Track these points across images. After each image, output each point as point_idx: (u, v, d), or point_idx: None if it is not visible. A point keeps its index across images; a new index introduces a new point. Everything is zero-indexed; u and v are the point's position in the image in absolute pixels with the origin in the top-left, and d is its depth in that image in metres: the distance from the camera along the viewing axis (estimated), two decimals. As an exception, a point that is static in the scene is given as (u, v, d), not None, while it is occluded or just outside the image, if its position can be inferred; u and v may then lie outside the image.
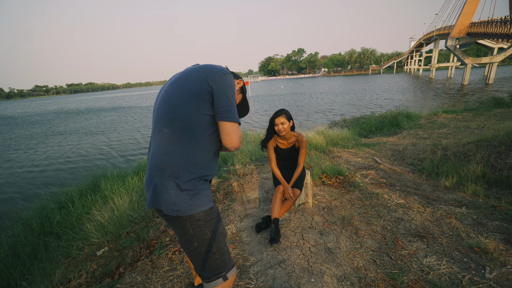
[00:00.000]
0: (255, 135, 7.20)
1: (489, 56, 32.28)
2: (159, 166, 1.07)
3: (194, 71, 1.10)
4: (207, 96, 1.04)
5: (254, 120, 14.99)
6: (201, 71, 1.09)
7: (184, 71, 1.15)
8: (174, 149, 1.06)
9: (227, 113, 1.05)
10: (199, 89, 1.04)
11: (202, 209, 1.09)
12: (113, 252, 2.55)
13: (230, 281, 1.22)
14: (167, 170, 1.05)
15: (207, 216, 1.11)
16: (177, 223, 1.10)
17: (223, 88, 1.06)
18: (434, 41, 44.57)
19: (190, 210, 1.06)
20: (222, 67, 1.12)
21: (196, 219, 1.09)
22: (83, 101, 61.97)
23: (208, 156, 1.13)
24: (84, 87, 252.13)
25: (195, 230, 1.10)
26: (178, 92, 1.08)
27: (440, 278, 1.61)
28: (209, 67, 1.10)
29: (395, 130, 7.22)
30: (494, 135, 3.91)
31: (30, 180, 7.61)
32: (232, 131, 1.06)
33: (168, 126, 1.07)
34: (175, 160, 1.05)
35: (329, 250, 1.99)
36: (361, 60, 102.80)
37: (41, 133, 16.59)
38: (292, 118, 2.30)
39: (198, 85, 1.05)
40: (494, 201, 2.52)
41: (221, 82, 1.06)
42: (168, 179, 1.05)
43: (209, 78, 1.05)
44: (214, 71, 1.08)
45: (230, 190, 3.53)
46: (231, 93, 1.08)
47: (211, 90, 1.04)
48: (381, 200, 2.72)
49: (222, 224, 1.20)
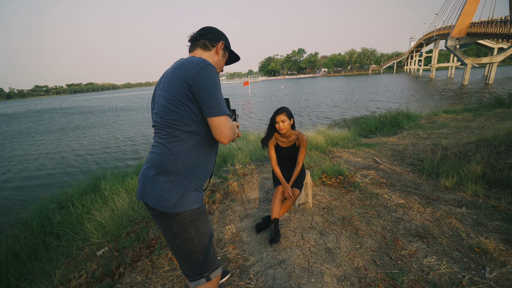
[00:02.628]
0: (255, 135, 7.20)
1: (489, 56, 32.27)
2: (156, 162, 1.10)
3: (174, 72, 1.09)
4: (189, 95, 1.05)
5: (254, 120, 15.00)
6: (179, 69, 1.07)
7: (167, 72, 1.14)
8: (173, 148, 1.09)
9: (210, 109, 1.04)
10: (181, 92, 1.05)
11: (189, 208, 1.11)
12: (113, 252, 2.55)
13: (214, 282, 1.23)
14: (163, 166, 1.09)
15: (193, 216, 1.13)
16: (163, 219, 1.12)
17: (202, 83, 1.04)
18: (434, 41, 44.56)
19: (177, 207, 1.09)
20: (200, 59, 1.08)
21: (182, 217, 1.11)
22: (83, 101, 62.02)
23: (203, 155, 1.16)
24: (84, 87, 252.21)
25: (179, 228, 1.12)
26: (165, 97, 1.09)
27: (440, 278, 1.61)
28: (187, 62, 1.08)
29: (395, 130, 7.22)
30: (494, 135, 3.91)
31: (30, 180, 7.61)
32: (220, 124, 1.05)
33: (165, 127, 1.10)
34: (173, 158, 1.09)
35: (329, 250, 1.99)
36: (361, 60, 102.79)
37: (40, 131, 16.60)
38: (292, 116, 2.30)
39: (179, 87, 1.05)
40: (494, 201, 2.52)
41: (199, 77, 1.04)
42: (163, 175, 1.09)
43: (187, 75, 1.04)
44: (192, 66, 1.05)
45: (230, 190, 3.53)
46: (211, 86, 1.05)
47: (191, 87, 1.04)
48: (381, 200, 2.72)
49: (208, 225, 1.22)
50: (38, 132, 17.13)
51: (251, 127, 12.37)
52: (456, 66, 44.30)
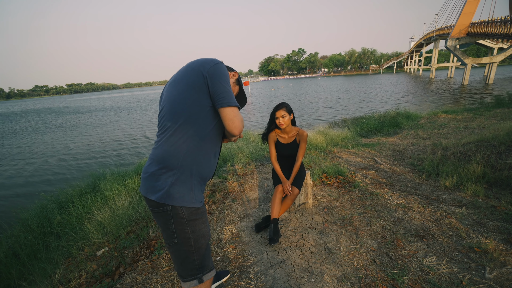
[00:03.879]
0: (256, 135, 7.20)
1: (489, 56, 32.27)
2: (161, 157, 1.11)
3: (189, 67, 1.16)
4: (203, 87, 1.09)
5: (254, 120, 15.00)
6: (194, 64, 1.15)
7: (180, 70, 1.20)
8: (176, 142, 1.10)
9: (224, 99, 1.09)
10: (196, 81, 1.10)
11: (188, 205, 1.12)
12: (113, 252, 2.55)
13: (207, 284, 1.24)
14: (167, 161, 1.09)
15: (191, 216, 1.14)
16: (162, 216, 1.12)
17: (217, 76, 1.10)
18: (434, 41, 44.58)
19: (177, 201, 1.09)
20: (212, 58, 1.17)
21: (180, 216, 1.11)
22: (82, 101, 61.99)
23: (207, 153, 1.17)
24: (84, 87, 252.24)
25: (177, 227, 1.13)
26: (177, 88, 1.13)
27: (440, 278, 1.61)
28: (201, 60, 1.16)
29: (395, 130, 7.22)
30: (494, 135, 3.91)
31: (30, 180, 7.61)
32: (233, 115, 1.10)
33: (171, 120, 1.12)
34: (176, 153, 1.10)
35: (329, 250, 1.99)
36: (361, 60, 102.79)
37: (39, 129, 16.60)
38: (292, 111, 2.31)
39: (194, 77, 1.10)
40: (494, 201, 2.52)
41: (214, 71, 1.10)
42: (165, 170, 1.09)
43: (203, 69, 1.10)
44: (206, 62, 1.13)
45: (230, 190, 3.53)
46: (225, 79, 1.12)
47: (206, 80, 1.09)
48: (381, 200, 2.72)
49: (206, 227, 1.22)
50: (38, 131, 17.13)
51: (251, 127, 12.37)
52: (456, 66, 44.30)
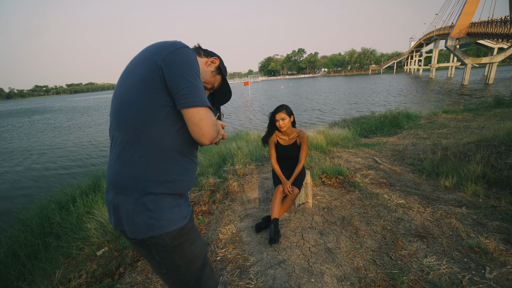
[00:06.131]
0: (256, 135, 7.20)
1: (489, 56, 32.28)
2: (115, 179, 0.88)
3: (142, 55, 0.87)
4: (159, 81, 0.81)
5: (254, 120, 15.00)
6: (148, 51, 0.85)
7: (132, 59, 0.90)
8: (130, 158, 0.85)
9: (187, 97, 0.80)
10: (148, 74, 0.81)
11: (167, 230, 0.88)
12: (113, 252, 2.55)
13: None
14: (125, 183, 0.86)
15: (175, 241, 0.90)
16: (141, 248, 0.91)
17: (177, 66, 0.80)
18: (434, 41, 44.59)
19: (150, 231, 0.86)
20: (175, 41, 0.86)
21: (161, 245, 0.89)
22: (82, 101, 62.02)
23: (176, 160, 0.90)
24: (84, 87, 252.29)
25: (161, 257, 0.91)
26: (126, 85, 0.86)
27: (440, 278, 1.61)
28: (158, 44, 0.86)
29: (395, 130, 7.22)
30: (494, 135, 3.91)
31: (30, 179, 7.61)
32: (200, 118, 0.81)
33: (120, 128, 0.86)
34: (132, 170, 0.85)
35: (329, 250, 1.99)
36: (361, 60, 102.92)
37: (38, 129, 16.60)
38: (292, 113, 2.30)
39: (146, 68, 0.82)
40: (494, 201, 2.52)
41: (173, 59, 0.81)
42: (126, 194, 0.86)
43: (157, 57, 0.81)
44: (164, 47, 0.83)
45: (230, 190, 3.53)
46: (189, 69, 0.82)
47: (162, 72, 0.81)
48: (381, 200, 2.72)
49: (198, 245, 0.99)
50: (39, 130, 17.14)
51: (251, 127, 12.37)
52: (456, 66, 44.30)
